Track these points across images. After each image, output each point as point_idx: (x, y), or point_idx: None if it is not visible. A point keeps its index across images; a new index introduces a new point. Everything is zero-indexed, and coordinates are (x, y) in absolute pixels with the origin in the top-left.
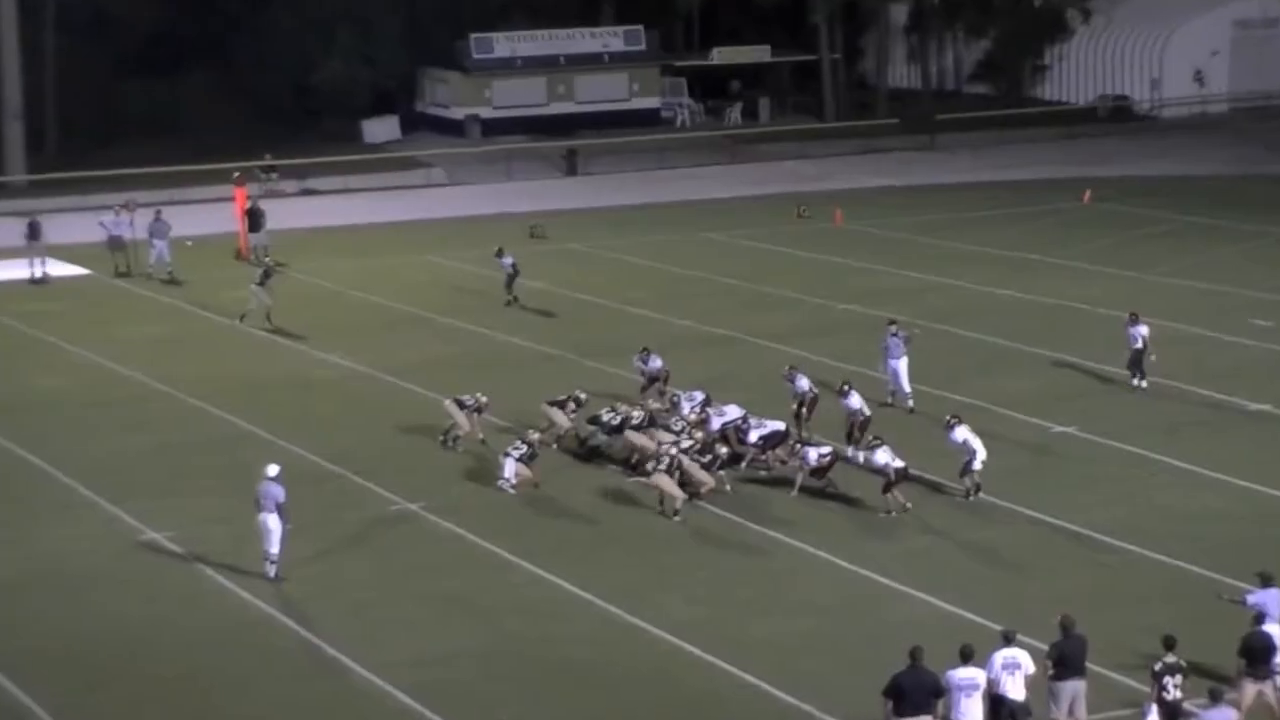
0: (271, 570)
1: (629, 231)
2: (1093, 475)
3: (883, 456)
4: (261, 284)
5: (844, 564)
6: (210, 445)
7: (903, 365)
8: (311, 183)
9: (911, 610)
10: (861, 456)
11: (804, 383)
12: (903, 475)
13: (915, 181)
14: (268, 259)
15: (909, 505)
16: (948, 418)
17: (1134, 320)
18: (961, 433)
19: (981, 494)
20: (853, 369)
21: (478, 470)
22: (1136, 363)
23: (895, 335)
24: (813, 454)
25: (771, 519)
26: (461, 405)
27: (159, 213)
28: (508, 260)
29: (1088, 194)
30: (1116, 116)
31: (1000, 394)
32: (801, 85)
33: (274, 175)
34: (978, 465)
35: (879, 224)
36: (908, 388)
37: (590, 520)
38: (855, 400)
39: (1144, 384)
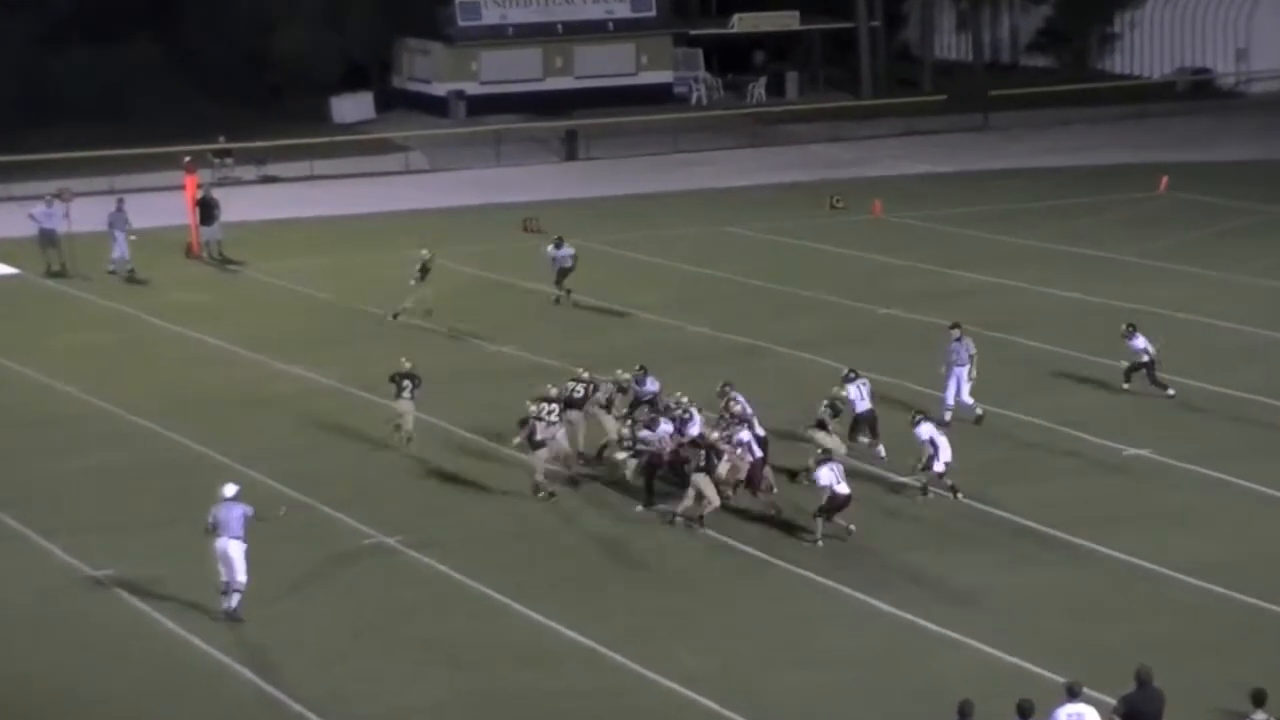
0: (234, 600)
1: (636, 225)
2: (1170, 504)
3: (826, 476)
4: (422, 278)
5: (882, 606)
6: (156, 470)
7: (965, 374)
8: (272, 169)
9: (960, 660)
10: (811, 469)
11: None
12: (843, 503)
13: (965, 167)
14: (221, 254)
15: (852, 528)
16: (913, 414)
17: (1131, 333)
18: (926, 429)
19: (960, 496)
20: (893, 381)
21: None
22: (1150, 376)
23: (959, 340)
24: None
25: (797, 555)
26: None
27: (121, 202)
28: (567, 252)
29: (1164, 182)
30: (1196, 92)
31: (1064, 412)
32: (835, 57)
33: (229, 160)
34: (940, 467)
35: (924, 216)
36: (969, 398)
37: (591, 555)
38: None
39: (1170, 391)
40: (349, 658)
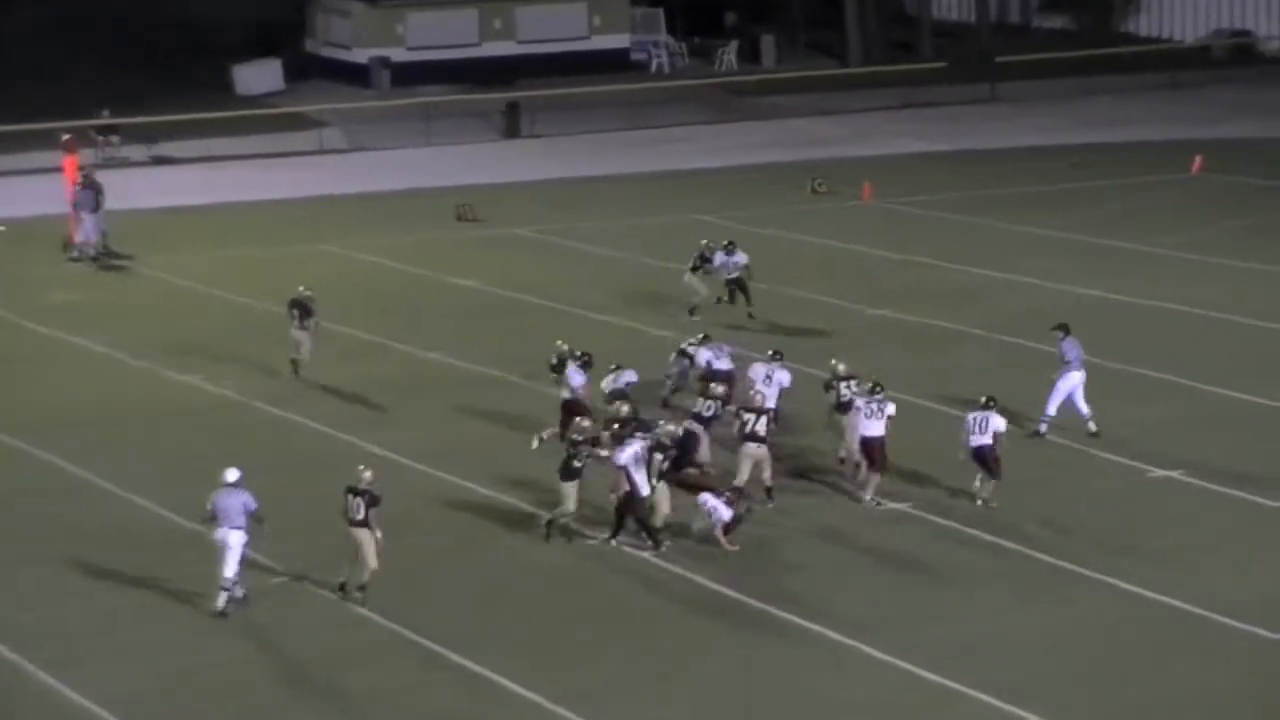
0: (222, 601)
1: (589, 212)
2: (1205, 535)
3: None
4: (695, 270)
5: (879, 655)
6: (30, 498)
7: (1079, 379)
8: (165, 148)
9: (969, 715)
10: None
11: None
12: (729, 527)
13: (969, 145)
14: (105, 248)
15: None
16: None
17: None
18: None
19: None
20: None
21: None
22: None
23: (1066, 339)
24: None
25: (784, 595)
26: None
27: (88, 179)
28: (739, 259)
29: (1198, 161)
30: (1236, 58)
31: (1084, 428)
32: (818, 18)
33: (115, 139)
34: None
35: (921, 202)
36: (1085, 408)
37: (546, 592)
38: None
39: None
40: (257, 714)
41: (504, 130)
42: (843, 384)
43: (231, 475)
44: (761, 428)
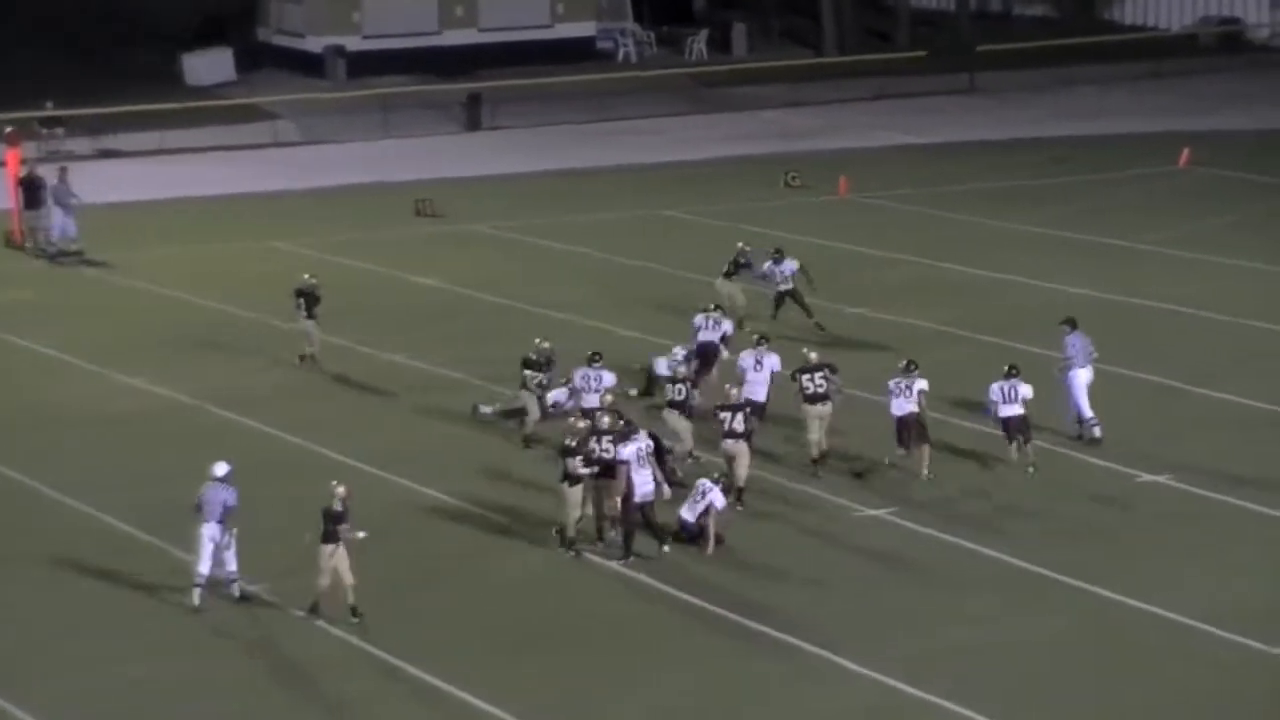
0: (195, 596)
1: (554, 208)
2: (1194, 541)
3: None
4: (729, 276)
5: (853, 667)
6: None
7: (1086, 377)
8: (112, 140)
9: None
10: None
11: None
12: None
13: (948, 138)
14: (50, 244)
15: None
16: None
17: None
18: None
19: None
20: (863, 395)
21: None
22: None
23: (1073, 334)
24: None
25: (757, 605)
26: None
27: (64, 171)
28: (788, 267)
29: (1185, 154)
30: (1224, 47)
31: (1069, 431)
32: (793, 4)
33: (59, 131)
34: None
35: (899, 196)
36: (1088, 410)
37: (511, 602)
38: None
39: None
40: None
41: (465, 122)
42: (811, 375)
43: (220, 469)
44: (739, 424)
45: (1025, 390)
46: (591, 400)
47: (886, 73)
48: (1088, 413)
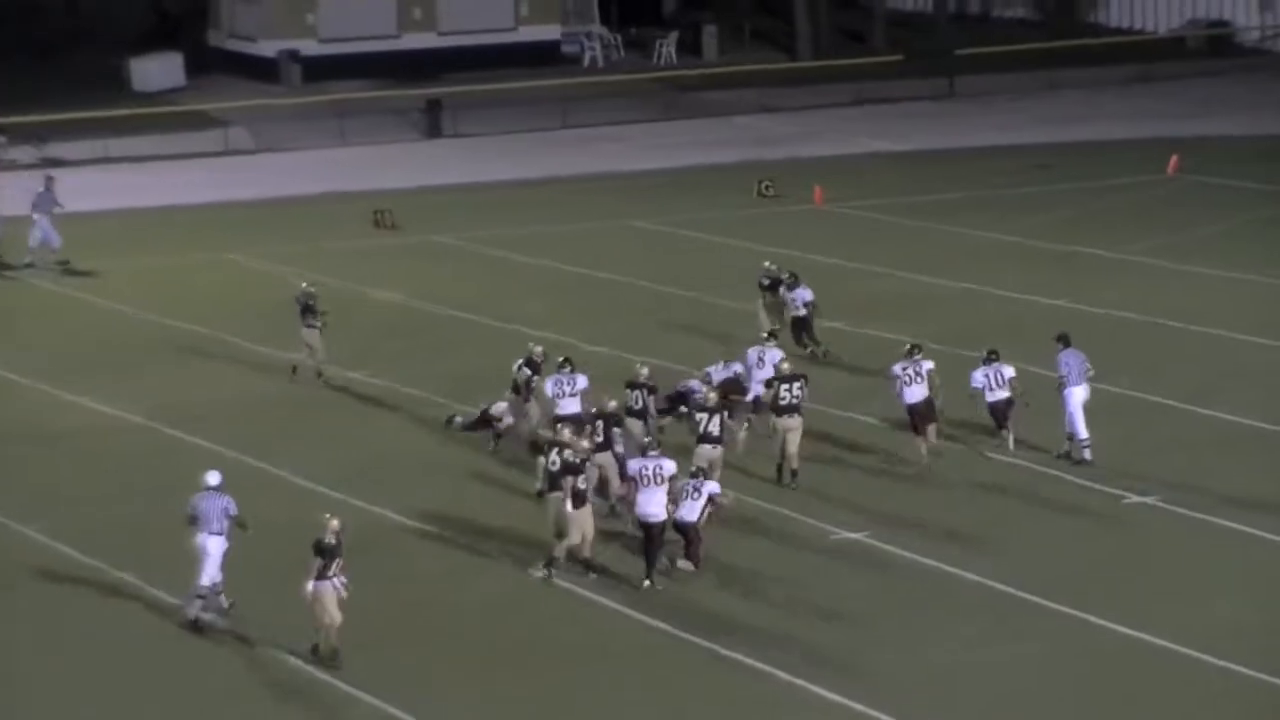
0: (194, 608)
1: (517, 218)
2: (1183, 565)
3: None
4: (771, 295)
5: (825, 694)
6: None
7: (1082, 395)
8: (57, 149)
9: None
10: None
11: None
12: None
13: (927, 145)
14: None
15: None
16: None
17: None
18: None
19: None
20: (840, 414)
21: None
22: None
23: (1065, 351)
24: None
25: (727, 629)
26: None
27: (50, 180)
28: (802, 294)
29: (1174, 161)
30: (1213, 50)
31: (1052, 450)
32: (766, 5)
33: (1, 139)
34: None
35: (876, 206)
36: (1084, 431)
37: (470, 627)
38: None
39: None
40: None
41: (425, 129)
42: (788, 385)
43: (213, 479)
44: (715, 428)
45: (1009, 371)
46: (569, 406)
47: (863, 77)
48: (1083, 433)
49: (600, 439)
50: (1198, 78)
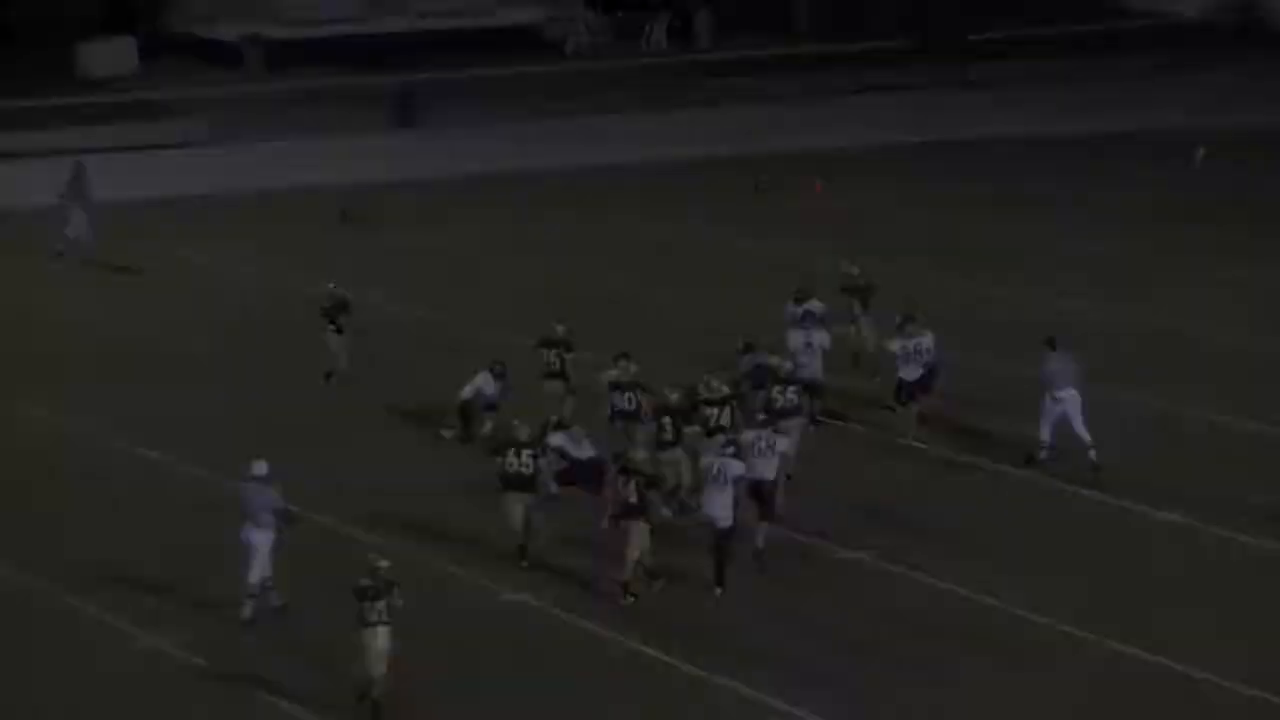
0: (248, 609)
1: (493, 215)
2: (1208, 587)
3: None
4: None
5: None
6: None
7: (1073, 399)
8: (2, 140)
9: None
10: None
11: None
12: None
13: (937, 135)
14: None
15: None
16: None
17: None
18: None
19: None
20: (837, 423)
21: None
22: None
23: (1051, 354)
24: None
25: (715, 654)
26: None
27: (79, 166)
28: (816, 309)
29: (1202, 152)
30: (1244, 34)
31: (1072, 463)
32: None
33: None
34: None
35: (880, 201)
36: (1086, 434)
37: (436, 650)
38: None
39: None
40: None
41: (396, 120)
42: (783, 389)
43: (259, 468)
44: (793, 396)
45: (928, 342)
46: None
47: (867, 63)
48: (1085, 438)
49: (670, 438)
50: (1228, 63)
